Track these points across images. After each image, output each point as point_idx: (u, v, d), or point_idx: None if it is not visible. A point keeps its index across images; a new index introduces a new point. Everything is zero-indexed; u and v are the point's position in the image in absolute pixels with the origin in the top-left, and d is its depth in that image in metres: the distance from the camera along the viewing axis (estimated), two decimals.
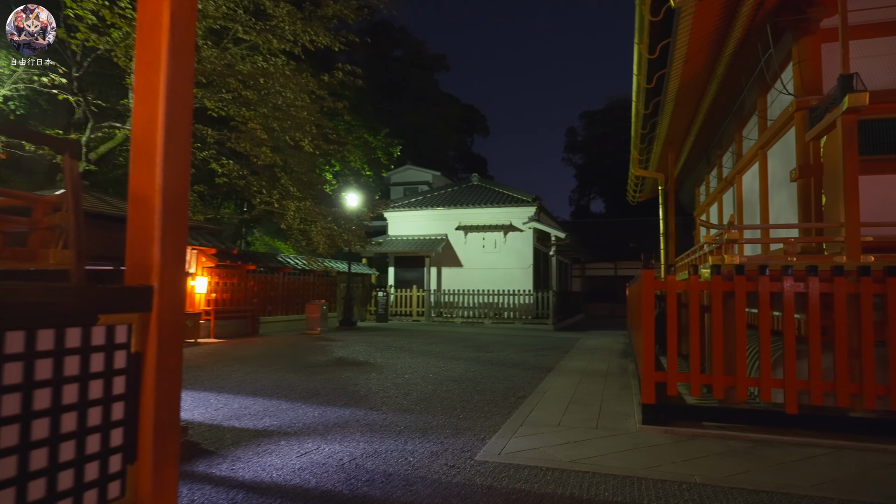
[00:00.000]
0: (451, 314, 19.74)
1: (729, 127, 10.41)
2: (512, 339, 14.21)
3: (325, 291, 18.03)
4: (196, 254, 12.50)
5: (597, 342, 13.92)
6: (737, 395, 4.79)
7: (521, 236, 20.02)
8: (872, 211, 5.97)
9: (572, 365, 9.48)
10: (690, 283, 4.99)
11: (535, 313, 18.86)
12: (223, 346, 11.30)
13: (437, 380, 7.73)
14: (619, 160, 51.39)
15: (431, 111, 41.64)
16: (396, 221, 22.01)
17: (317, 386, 7.05)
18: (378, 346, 11.74)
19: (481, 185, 22.73)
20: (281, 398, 6.25)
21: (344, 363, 9.23)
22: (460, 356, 10.51)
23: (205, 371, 8.13)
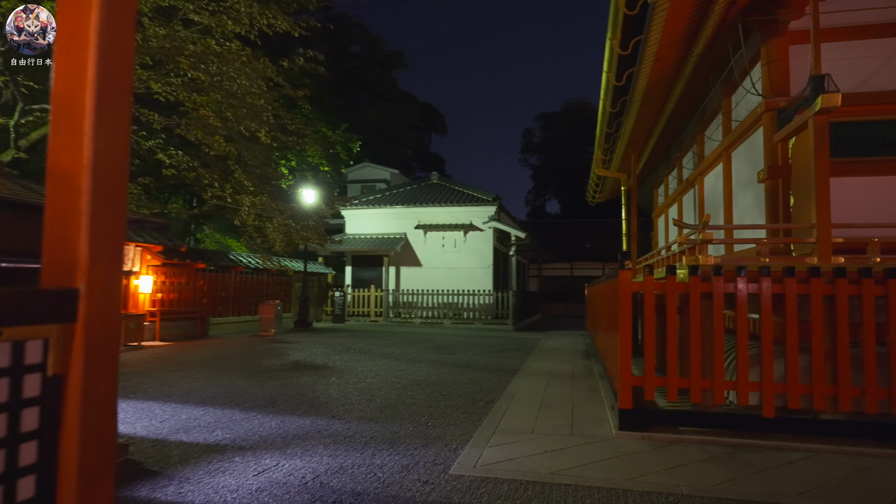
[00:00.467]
0: (410, 314, 19.41)
1: (691, 129, 10.49)
2: (473, 340, 14.01)
3: (280, 291, 17.38)
4: (140, 251, 11.73)
5: (557, 343, 13.88)
6: (714, 399, 4.68)
7: (482, 236, 19.87)
8: (839, 213, 6.01)
9: (537, 366, 9.32)
10: (668, 285, 4.85)
11: (495, 313, 18.73)
12: (170, 350, 10.63)
13: (400, 384, 7.40)
14: (574, 162, 52.24)
15: (389, 109, 41.14)
16: (354, 220, 21.50)
17: (273, 393, 6.61)
18: (336, 349, 11.31)
19: (441, 183, 22.47)
20: (234, 407, 5.80)
21: (301, 367, 8.78)
22: (422, 358, 10.21)
23: (149, 377, 7.54)
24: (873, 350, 4.45)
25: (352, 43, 44.91)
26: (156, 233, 11.80)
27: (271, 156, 11.82)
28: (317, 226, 12.65)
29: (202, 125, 8.85)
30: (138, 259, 11.68)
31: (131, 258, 11.49)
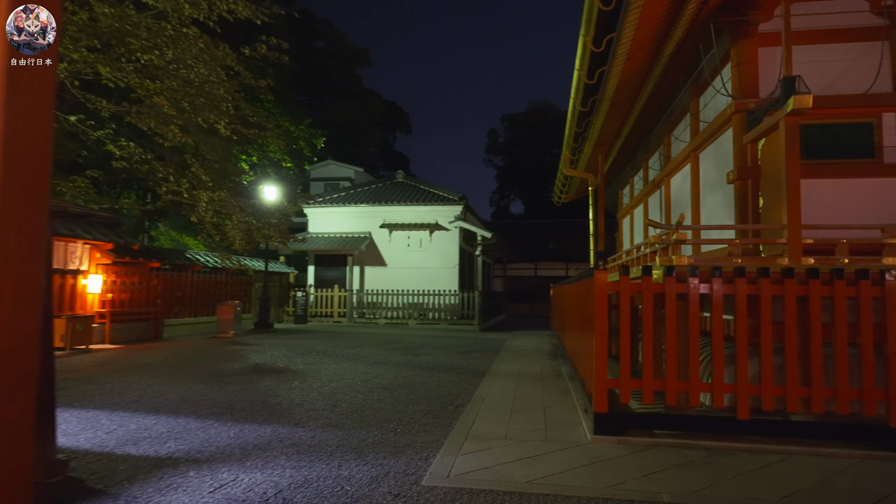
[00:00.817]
0: (375, 315, 19.09)
1: (659, 130, 10.55)
2: (439, 341, 13.81)
3: (239, 291, 16.80)
4: (89, 249, 11.09)
5: (524, 343, 13.81)
6: (689, 401, 4.61)
7: (447, 235, 19.70)
8: (807, 214, 6.05)
9: (505, 368, 9.19)
10: (644, 286, 4.76)
11: (461, 314, 18.60)
12: (120, 353, 10.07)
13: (366, 388, 7.15)
14: (538, 163, 52.70)
15: (353, 106, 40.58)
16: (318, 218, 21.02)
17: (232, 399, 6.26)
18: (298, 351, 10.94)
19: (407, 182, 22.19)
20: (189, 415, 5.44)
21: (261, 371, 8.42)
22: (388, 360, 9.96)
23: (96, 384, 7.07)
24: (845, 351, 4.45)
25: (315, 39, 44.11)
26: (105, 229, 11.17)
27: (231, 150, 11.31)
28: (279, 224, 12.18)
29: (156, 114, 8.33)
30: (87, 257, 11.04)
31: (79, 256, 10.84)
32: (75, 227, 10.46)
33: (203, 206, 10.01)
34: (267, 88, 10.10)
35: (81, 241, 10.75)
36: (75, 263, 10.80)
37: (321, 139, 20.80)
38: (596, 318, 4.74)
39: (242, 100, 9.84)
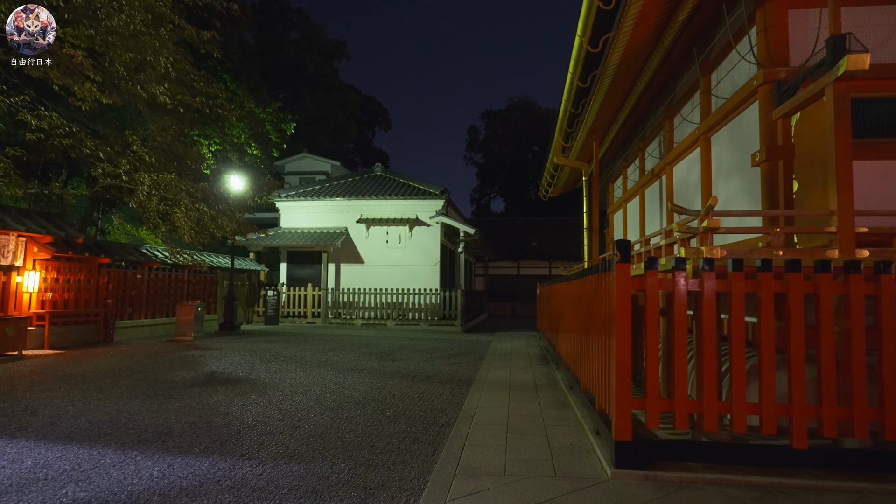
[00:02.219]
0: (351, 315, 18.00)
1: (660, 114, 9.70)
2: (419, 344, 12.82)
3: (203, 290, 15.56)
4: (25, 242, 9.83)
5: (510, 346, 12.90)
6: (734, 427, 3.71)
7: (428, 231, 18.70)
8: None
9: (494, 376, 8.25)
10: (676, 282, 3.84)
11: (442, 314, 17.62)
12: (57, 360, 8.88)
13: (335, 402, 6.13)
14: (518, 160, 51.99)
15: (329, 100, 39.29)
16: (290, 212, 19.82)
17: (169, 419, 5.19)
18: (263, 356, 9.86)
19: (385, 175, 21.12)
20: (109, 444, 4.38)
21: (215, 381, 7.33)
22: (362, 367, 8.94)
23: (10, 400, 5.93)
24: None
25: (290, 29, 42.68)
26: (44, 220, 9.94)
27: (183, 129, 10.11)
28: (234, 212, 10.92)
29: (65, 66, 7.05)
30: (21, 251, 9.78)
31: (11, 250, 9.59)
32: (5, 218, 9.22)
33: (144, 191, 8.79)
34: (213, 42, 8.83)
35: (15, 233, 9.50)
36: (7, 258, 9.54)
37: (291, 124, 19.51)
38: (616, 323, 3.81)
39: (189, 64, 8.63)
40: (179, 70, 8.33)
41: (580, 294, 5.95)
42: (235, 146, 17.01)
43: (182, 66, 8.40)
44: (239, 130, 16.66)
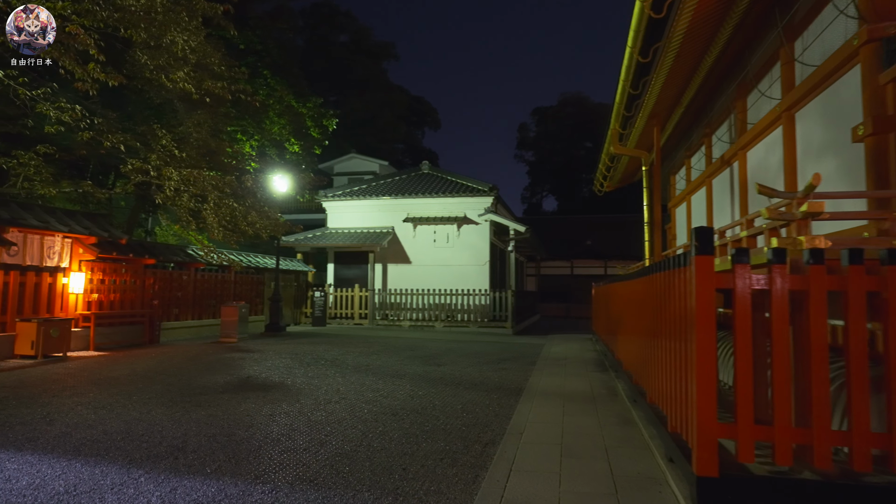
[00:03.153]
0: (399, 317, 17.58)
1: (731, 92, 8.73)
2: (466, 347, 12.21)
3: (250, 291, 15.49)
4: (70, 243, 9.83)
5: (564, 349, 12.10)
6: (855, 462, 2.90)
7: (477, 230, 18.06)
8: None
9: (546, 384, 7.53)
10: (774, 278, 3.07)
11: (492, 315, 16.94)
12: (98, 362, 8.77)
13: (370, 413, 5.59)
14: (570, 157, 50.61)
15: (378, 101, 39.25)
16: (337, 212, 19.62)
17: (189, 431, 4.78)
18: (304, 360, 9.48)
19: (432, 173, 20.62)
20: (116, 460, 3.97)
21: (249, 387, 6.95)
22: (405, 372, 8.40)
23: (31, 406, 5.69)
24: None
25: (339, 32, 43.01)
26: (87, 221, 9.93)
27: (217, 124, 9.84)
28: (264, 207, 10.51)
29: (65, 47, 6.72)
30: (67, 252, 9.79)
31: (57, 251, 9.60)
32: (48, 219, 9.21)
33: (172, 186, 8.52)
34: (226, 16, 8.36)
35: (60, 234, 9.50)
36: (53, 259, 9.56)
37: (332, 120, 19.18)
38: (698, 328, 3.08)
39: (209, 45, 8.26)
40: (199, 52, 7.99)
41: (645, 293, 5.19)
42: (274, 142, 16.75)
43: (204, 49, 8.06)
44: (279, 127, 16.45)
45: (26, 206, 9.13)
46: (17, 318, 8.79)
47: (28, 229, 8.99)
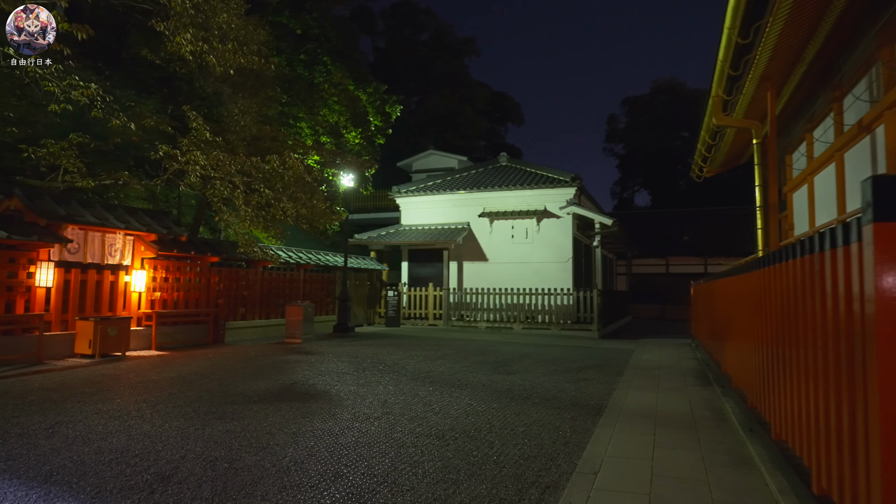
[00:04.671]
0: (475, 317, 16.57)
1: (868, 41, 6.95)
2: (544, 352, 10.98)
3: (320, 290, 15.11)
4: (133, 240, 9.70)
5: (658, 357, 10.57)
6: None
7: (559, 224, 16.68)
8: None
9: (633, 400, 6.24)
10: None
11: (576, 317, 15.51)
12: (151, 363, 8.46)
13: (410, 435, 4.63)
14: (664, 148, 47.35)
15: (458, 96, 38.51)
16: (411, 208, 18.96)
17: (188, 453, 4.04)
18: (361, 364, 8.72)
19: (510, 165, 19.43)
20: (80, 492, 3.26)
21: (287, 395, 6.22)
22: (467, 381, 7.38)
23: (47, 413, 5.22)
24: None
25: (419, 31, 42.76)
26: (147, 217, 9.76)
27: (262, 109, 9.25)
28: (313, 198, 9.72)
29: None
30: (129, 250, 9.66)
31: (119, 249, 9.47)
32: (107, 215, 9.07)
33: (198, 171, 7.98)
34: None
35: (121, 231, 9.36)
36: (115, 257, 9.44)
37: (396, 107, 18.40)
38: (880, 339, 1.82)
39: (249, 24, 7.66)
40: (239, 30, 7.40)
41: (765, 290, 3.84)
42: (332, 131, 16.12)
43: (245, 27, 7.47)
44: (336, 114, 15.87)
45: (85, 203, 9.07)
46: (77, 317, 8.69)
47: (88, 226, 8.88)
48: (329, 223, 11.38)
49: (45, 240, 7.95)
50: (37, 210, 7.98)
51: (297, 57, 9.14)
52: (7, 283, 7.89)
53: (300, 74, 8.87)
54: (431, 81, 40.56)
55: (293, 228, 18.64)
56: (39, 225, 8.05)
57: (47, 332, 8.35)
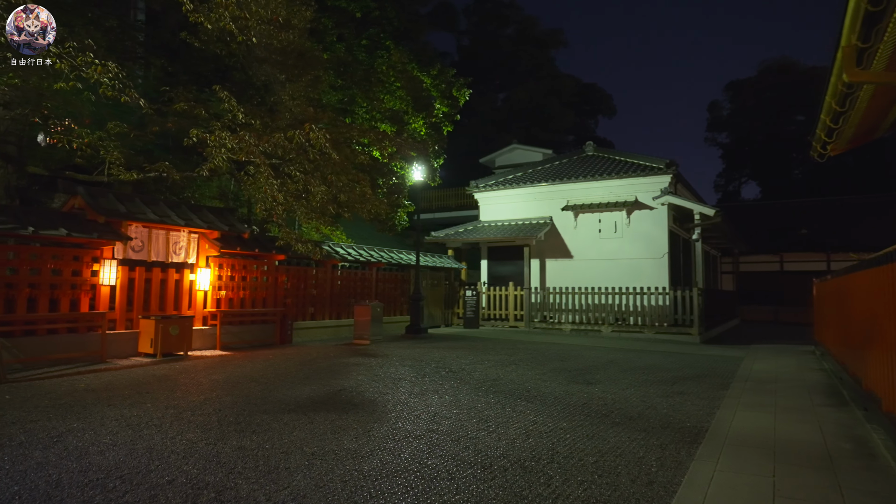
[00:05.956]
0: (558, 318, 15.35)
1: None
2: (635, 358, 9.68)
3: (394, 290, 14.57)
4: (197, 238, 9.56)
5: (773, 366, 8.95)
6: None
7: (652, 216, 15.07)
8: None
9: (743, 423, 4.97)
10: None
11: (673, 319, 13.89)
12: (208, 363, 8.17)
13: (450, 462, 3.76)
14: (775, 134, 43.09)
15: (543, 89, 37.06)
16: (489, 204, 18.02)
17: (180, 475, 3.42)
18: (423, 369, 7.94)
19: (597, 154, 17.96)
20: None
21: (328, 404, 5.55)
22: (538, 392, 6.38)
23: (67, 418, 4.86)
24: None
25: (504, 26, 41.72)
26: (211, 215, 9.59)
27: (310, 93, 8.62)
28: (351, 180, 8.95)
29: None
30: (194, 248, 9.53)
31: (183, 246, 9.36)
32: (169, 212, 8.96)
33: (223, 156, 7.44)
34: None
35: (186, 229, 9.24)
36: (179, 255, 9.33)
37: (464, 90, 17.32)
38: None
39: None
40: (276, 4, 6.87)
41: None
42: (390, 116, 15.25)
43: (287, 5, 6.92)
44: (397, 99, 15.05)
45: (148, 201, 9.00)
46: (141, 315, 8.61)
47: (153, 224, 8.80)
48: (384, 213, 10.71)
49: (106, 237, 7.88)
50: (97, 208, 7.95)
51: (358, 42, 8.71)
52: (71, 281, 7.90)
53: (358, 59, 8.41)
54: (517, 76, 39.42)
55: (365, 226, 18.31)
56: (99, 223, 8.01)
57: (112, 331, 8.32)
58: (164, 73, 9.98)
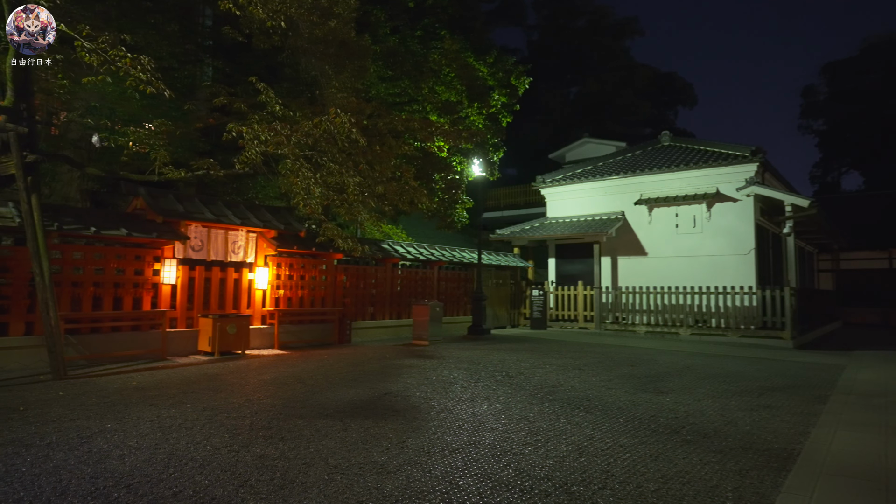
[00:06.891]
0: (631, 320, 14.41)
1: None
2: (715, 364, 8.77)
3: (457, 289, 14.19)
4: (255, 237, 9.60)
5: (882, 377, 7.81)
6: None
7: (735, 208, 13.82)
8: None
9: (844, 446, 4.18)
10: None
11: (761, 321, 12.63)
12: (263, 363, 8.12)
13: (484, 483, 3.32)
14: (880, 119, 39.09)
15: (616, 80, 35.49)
16: (557, 199, 17.24)
17: (184, 488, 3.18)
18: (479, 373, 7.50)
19: (674, 144, 16.76)
20: None
21: (371, 408, 5.23)
22: (599, 401, 5.78)
23: (103, 417, 4.79)
24: None
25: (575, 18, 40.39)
26: (269, 214, 9.59)
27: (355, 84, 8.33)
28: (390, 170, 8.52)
29: None
30: (252, 247, 9.56)
31: (242, 246, 9.41)
32: (227, 212, 9.02)
33: (255, 148, 7.21)
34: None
35: (244, 228, 9.29)
36: (238, 255, 9.39)
37: (524, 79, 16.46)
38: None
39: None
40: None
41: None
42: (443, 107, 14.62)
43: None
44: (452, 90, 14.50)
45: (207, 200, 9.13)
46: (200, 314, 8.71)
47: (211, 224, 8.90)
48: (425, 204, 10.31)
49: (164, 237, 8.01)
50: (156, 208, 8.10)
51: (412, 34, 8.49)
52: (134, 280, 8.09)
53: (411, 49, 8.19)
54: (589, 69, 38.05)
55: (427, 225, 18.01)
56: (158, 222, 8.17)
57: (173, 329, 8.46)
58: (222, 75, 10.26)
